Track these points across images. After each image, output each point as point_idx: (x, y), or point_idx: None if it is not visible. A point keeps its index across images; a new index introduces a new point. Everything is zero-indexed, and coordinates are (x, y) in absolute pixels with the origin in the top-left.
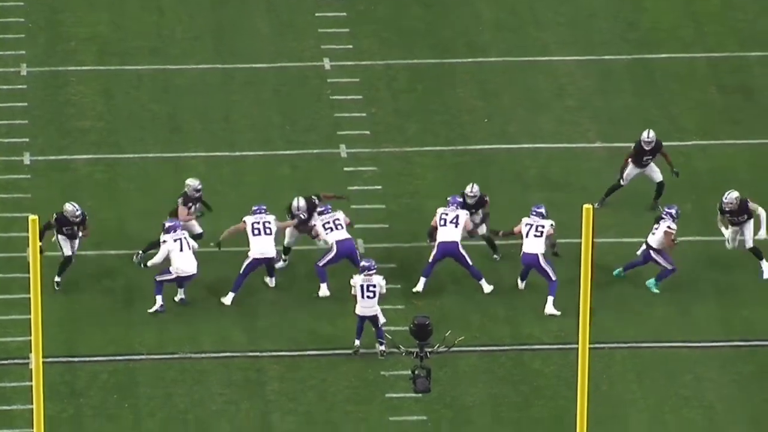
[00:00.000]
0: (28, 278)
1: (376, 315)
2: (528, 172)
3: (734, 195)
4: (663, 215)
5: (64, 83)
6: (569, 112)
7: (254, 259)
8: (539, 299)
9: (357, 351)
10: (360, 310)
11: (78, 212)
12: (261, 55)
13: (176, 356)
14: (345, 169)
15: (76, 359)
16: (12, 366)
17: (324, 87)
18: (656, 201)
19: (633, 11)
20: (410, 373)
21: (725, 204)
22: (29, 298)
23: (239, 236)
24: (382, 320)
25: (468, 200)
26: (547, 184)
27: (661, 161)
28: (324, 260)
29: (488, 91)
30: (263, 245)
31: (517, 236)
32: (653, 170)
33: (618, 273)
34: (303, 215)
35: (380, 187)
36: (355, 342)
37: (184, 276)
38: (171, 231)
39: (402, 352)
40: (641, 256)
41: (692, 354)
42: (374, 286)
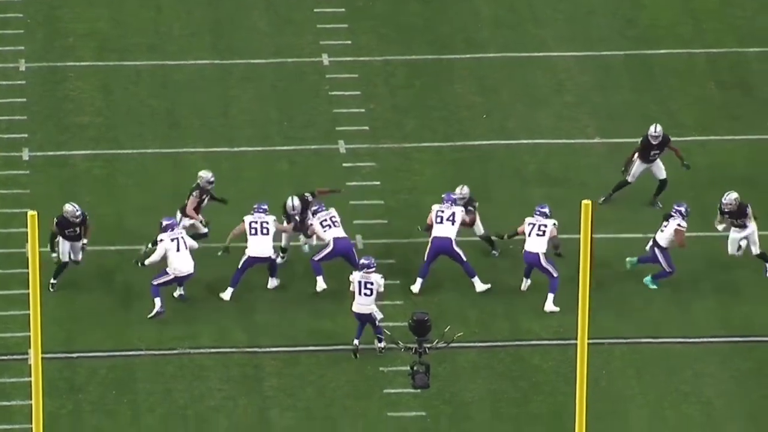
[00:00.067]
0: (27, 274)
1: (372, 314)
2: (527, 168)
3: (733, 196)
4: (672, 213)
5: (63, 79)
6: (568, 108)
7: (250, 257)
8: (538, 295)
9: (356, 351)
10: (356, 307)
11: (78, 212)
12: (259, 51)
13: (175, 352)
14: (343, 165)
15: (75, 355)
16: (11, 362)
17: (322, 83)
18: (656, 198)
19: (632, 8)
20: (409, 369)
21: (724, 205)
22: (28, 294)
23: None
24: (379, 316)
25: (457, 201)
26: (546, 180)
27: (666, 158)
28: (320, 255)
29: (487, 87)
30: (260, 245)
31: (522, 236)
32: (659, 167)
33: (631, 262)
34: (298, 217)
35: (378, 183)
36: (354, 341)
37: (182, 276)
38: (168, 230)
39: (401, 348)
40: (650, 252)
41: (691, 350)
42: (371, 284)
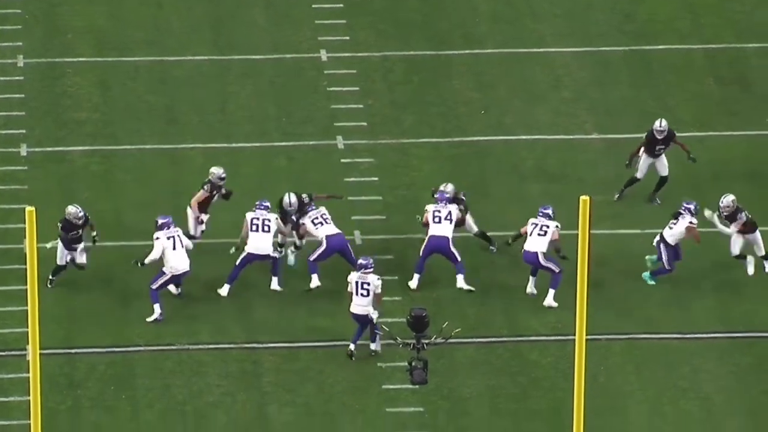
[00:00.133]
0: (25, 270)
1: (368, 315)
2: (525, 164)
3: (730, 198)
4: (681, 210)
5: (61, 75)
6: (566, 104)
7: (249, 254)
8: (537, 290)
9: (352, 355)
10: (353, 308)
11: (81, 213)
12: (258, 47)
13: (173, 348)
14: (342, 161)
15: (74, 351)
16: (9, 357)
17: (321, 78)
18: (655, 194)
19: (630, 3)
20: (407, 365)
21: (722, 208)
22: (26, 290)
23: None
24: (375, 315)
25: (438, 200)
26: (544, 176)
27: (670, 154)
28: (315, 254)
29: (485, 83)
30: (260, 241)
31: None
32: (662, 163)
33: (651, 260)
34: (295, 215)
35: (377, 179)
36: (350, 346)
37: (178, 274)
38: (164, 228)
39: (399, 344)
40: (669, 256)
41: (690, 346)
42: (368, 285)
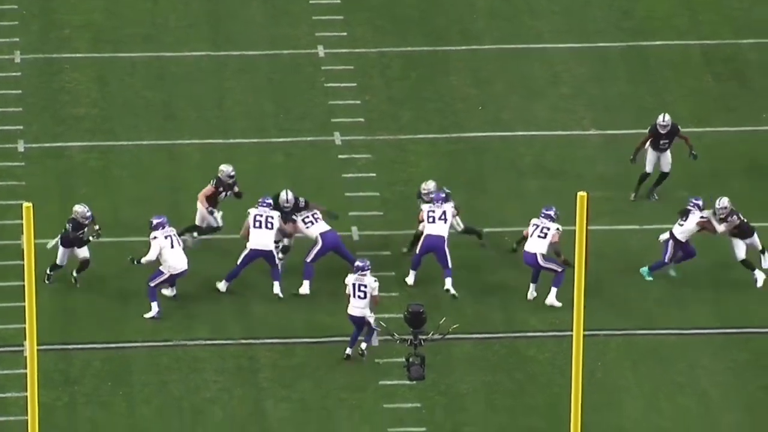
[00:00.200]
0: (23, 266)
1: (365, 317)
2: (522, 160)
3: (726, 200)
4: (689, 207)
5: (59, 70)
6: (564, 100)
7: (251, 250)
8: (537, 293)
9: (347, 358)
10: (351, 310)
11: (88, 213)
12: (255, 43)
13: (170, 344)
14: (339, 157)
15: (71, 347)
16: (6, 354)
17: (318, 74)
18: (653, 189)
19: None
20: (404, 361)
21: (718, 210)
22: (23, 286)
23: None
24: (371, 318)
25: (423, 197)
26: (542, 172)
27: (675, 151)
28: (312, 254)
29: (482, 79)
30: (262, 238)
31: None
32: (666, 159)
33: (673, 272)
34: (293, 217)
35: (374, 175)
36: (347, 350)
37: (177, 273)
38: (159, 228)
39: (396, 340)
40: (677, 249)
41: (687, 342)
42: (365, 287)
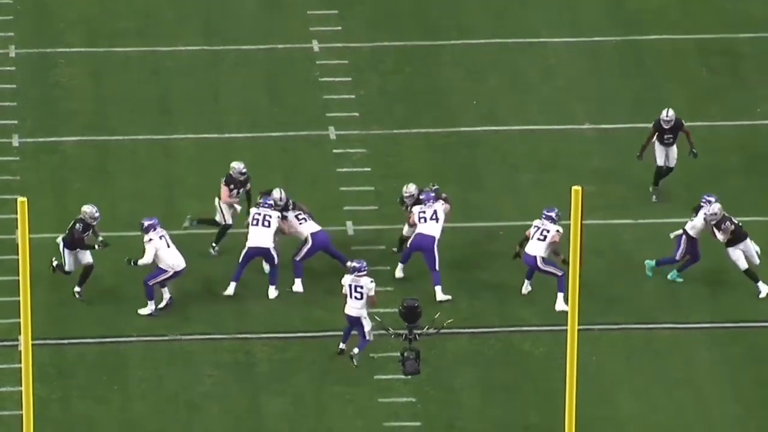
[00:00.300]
0: (17, 260)
1: (360, 318)
2: (516, 154)
3: (716, 206)
4: (702, 203)
5: (53, 65)
6: (558, 94)
7: (250, 248)
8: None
9: (341, 352)
10: (347, 310)
11: (96, 213)
12: (250, 37)
13: (166, 338)
14: (333, 151)
15: (65, 341)
16: (1, 348)
17: (312, 69)
18: (655, 184)
19: None
20: (399, 356)
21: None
22: (18, 281)
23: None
24: (368, 326)
25: (406, 200)
26: (536, 166)
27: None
28: (301, 253)
29: (476, 73)
30: (260, 236)
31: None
32: (672, 153)
33: (673, 275)
34: (284, 214)
35: (369, 169)
36: (340, 345)
37: (179, 270)
38: (152, 229)
39: (391, 335)
40: (689, 246)
41: (682, 336)
42: (361, 287)
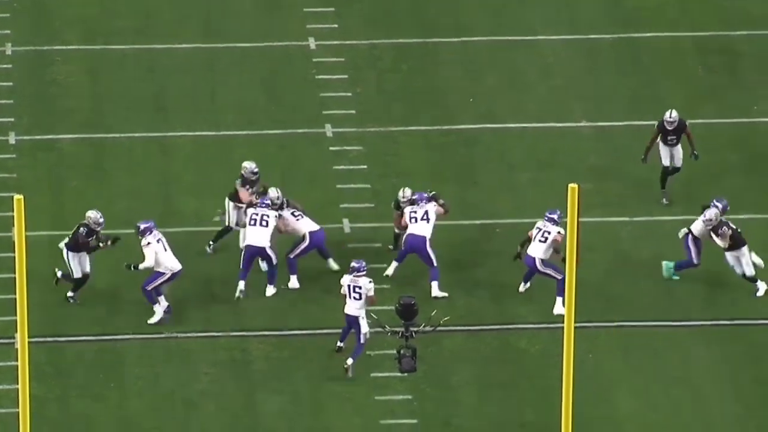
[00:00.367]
0: (14, 258)
1: (358, 318)
2: (514, 152)
3: (713, 212)
4: (710, 205)
5: (50, 63)
6: (555, 92)
7: (248, 247)
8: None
9: (339, 350)
10: (347, 309)
11: (101, 219)
12: (246, 35)
13: (162, 336)
14: (330, 149)
15: (62, 339)
16: None
17: (309, 66)
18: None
19: None
20: (396, 353)
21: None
22: (14, 278)
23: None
24: (364, 329)
25: (402, 204)
26: (533, 164)
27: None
28: (297, 251)
29: (474, 71)
30: (257, 235)
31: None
32: (678, 153)
33: (670, 272)
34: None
35: (365, 167)
36: (338, 343)
37: (176, 272)
38: (148, 233)
39: (387, 332)
40: (697, 244)
41: (679, 333)
42: (360, 288)
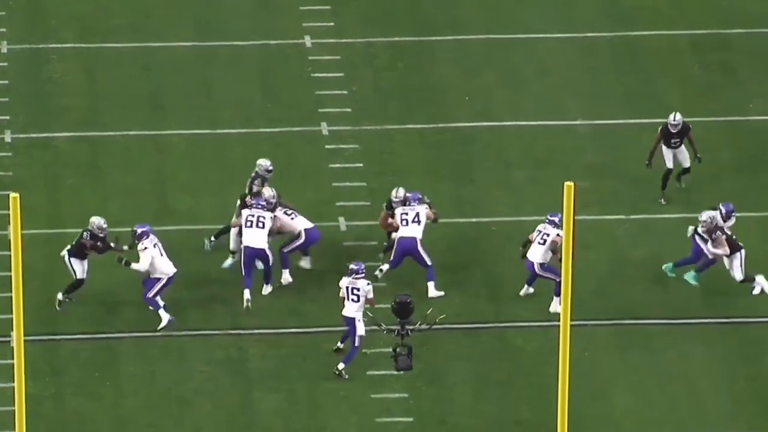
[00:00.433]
0: (9, 256)
1: (355, 320)
2: (510, 150)
3: (707, 214)
4: (715, 206)
5: (45, 61)
6: (551, 90)
7: (246, 248)
8: (521, 276)
9: (338, 350)
10: (345, 311)
11: (104, 225)
12: (242, 33)
13: (158, 334)
14: (326, 147)
15: (58, 337)
16: None
17: (305, 65)
18: (680, 177)
19: None
20: (392, 351)
21: (701, 222)
22: (10, 277)
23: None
24: (360, 331)
25: (394, 204)
26: (530, 162)
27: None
28: (291, 246)
29: (470, 69)
30: (254, 236)
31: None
32: (683, 155)
33: (670, 270)
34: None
35: (361, 165)
36: (338, 344)
37: (171, 276)
38: (145, 237)
39: (383, 330)
40: (693, 252)
41: (675, 331)
42: (358, 290)
